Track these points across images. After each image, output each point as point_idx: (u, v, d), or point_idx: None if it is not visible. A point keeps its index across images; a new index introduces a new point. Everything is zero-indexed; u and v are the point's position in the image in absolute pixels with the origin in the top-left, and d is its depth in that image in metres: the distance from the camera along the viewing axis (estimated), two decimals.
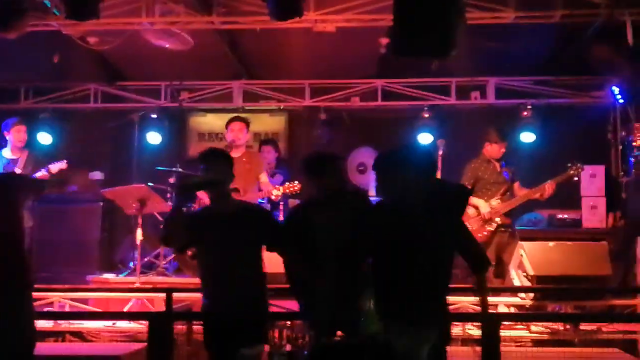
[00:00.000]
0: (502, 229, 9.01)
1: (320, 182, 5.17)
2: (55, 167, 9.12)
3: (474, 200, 9.09)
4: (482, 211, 8.99)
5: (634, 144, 10.06)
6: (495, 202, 9.03)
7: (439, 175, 8.89)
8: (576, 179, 9.13)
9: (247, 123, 9.09)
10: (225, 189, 5.32)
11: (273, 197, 8.83)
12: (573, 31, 9.45)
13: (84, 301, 8.53)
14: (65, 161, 9.21)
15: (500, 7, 8.66)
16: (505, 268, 8.89)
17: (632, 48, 8.75)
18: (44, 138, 10.71)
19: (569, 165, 9.02)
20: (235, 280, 5.15)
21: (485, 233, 8.98)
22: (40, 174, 9.02)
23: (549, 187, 8.90)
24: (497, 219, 8.99)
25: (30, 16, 8.11)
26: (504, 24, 8.82)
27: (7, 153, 9.26)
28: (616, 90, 10.08)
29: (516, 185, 9.19)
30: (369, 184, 9.74)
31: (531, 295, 8.12)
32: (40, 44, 9.33)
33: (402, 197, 4.57)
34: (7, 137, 9.30)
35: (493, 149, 9.20)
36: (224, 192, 5.33)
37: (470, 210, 9.11)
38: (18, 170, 9.03)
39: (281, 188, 8.73)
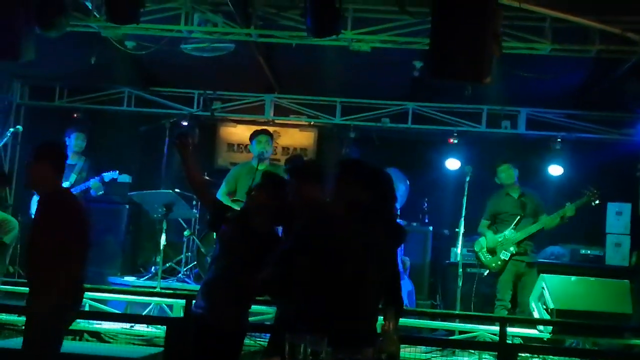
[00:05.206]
0: (518, 258, 8.97)
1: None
2: (108, 175, 9.25)
3: (484, 231, 9.13)
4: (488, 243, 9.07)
5: None
6: (509, 232, 8.99)
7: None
8: (594, 204, 9.04)
9: (272, 136, 9.21)
10: None
11: None
12: (607, 66, 9.41)
13: (104, 302, 8.58)
14: (117, 171, 9.33)
15: (536, 38, 8.64)
16: (523, 299, 8.85)
17: None
18: None
19: (585, 191, 8.99)
20: None
21: (499, 262, 8.97)
22: (94, 181, 9.18)
23: (568, 210, 8.89)
24: (512, 248, 8.95)
25: (71, 16, 8.23)
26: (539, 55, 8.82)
27: None
28: None
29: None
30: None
31: (549, 328, 8.08)
32: (78, 45, 9.44)
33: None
34: (67, 143, 9.48)
35: (505, 173, 9.22)
36: None
37: (482, 240, 9.14)
38: (74, 176, 9.17)
39: None
